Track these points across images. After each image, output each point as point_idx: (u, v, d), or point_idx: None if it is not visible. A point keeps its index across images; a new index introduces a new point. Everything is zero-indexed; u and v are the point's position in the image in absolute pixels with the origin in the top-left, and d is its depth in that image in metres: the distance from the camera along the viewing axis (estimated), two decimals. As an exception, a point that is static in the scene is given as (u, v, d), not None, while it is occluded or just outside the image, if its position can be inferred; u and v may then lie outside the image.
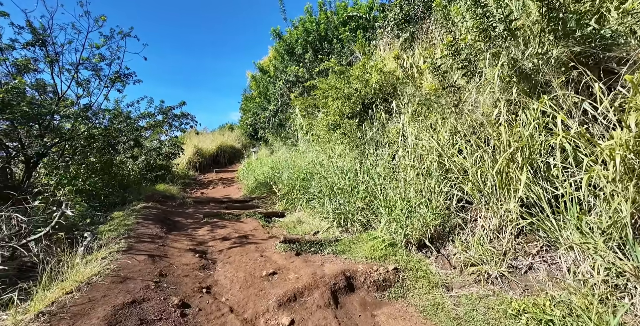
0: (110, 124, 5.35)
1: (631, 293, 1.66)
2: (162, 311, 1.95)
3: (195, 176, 11.24)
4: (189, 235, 3.95)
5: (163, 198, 5.97)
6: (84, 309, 1.89)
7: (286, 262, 3.27)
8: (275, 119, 9.52)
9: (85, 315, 1.83)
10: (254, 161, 10.48)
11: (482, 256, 2.64)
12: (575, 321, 1.65)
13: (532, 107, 2.48)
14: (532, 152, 2.43)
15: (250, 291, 2.60)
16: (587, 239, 1.87)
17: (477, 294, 2.38)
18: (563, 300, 1.84)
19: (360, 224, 4.09)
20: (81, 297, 2.03)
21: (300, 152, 6.94)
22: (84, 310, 1.87)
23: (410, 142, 3.84)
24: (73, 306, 1.91)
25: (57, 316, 1.78)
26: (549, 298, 1.92)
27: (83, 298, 2.02)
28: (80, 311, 1.86)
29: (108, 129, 5.04)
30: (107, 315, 1.80)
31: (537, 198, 2.34)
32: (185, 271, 2.74)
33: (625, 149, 1.69)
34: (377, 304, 2.64)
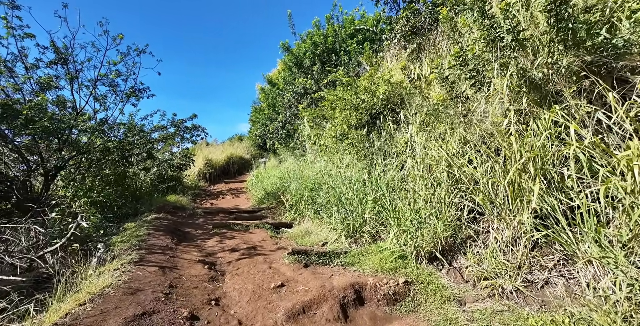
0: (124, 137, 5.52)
1: None
2: (171, 324, 1.95)
3: (205, 187, 11.38)
4: (198, 246, 3.97)
5: (174, 209, 6.05)
6: (97, 321, 1.91)
7: (294, 274, 3.25)
8: (283, 129, 9.64)
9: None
10: (262, 172, 10.57)
11: (495, 269, 2.57)
12: (597, 340, 1.58)
13: (544, 117, 2.45)
14: (545, 162, 2.38)
15: (258, 304, 2.58)
16: (607, 253, 1.80)
17: (492, 309, 2.30)
18: (583, 317, 1.76)
19: (369, 236, 4.04)
20: (94, 309, 2.05)
21: (308, 163, 6.98)
22: (96, 322, 1.90)
23: (418, 152, 3.82)
24: (86, 318, 1.93)
25: None
26: (568, 315, 1.84)
27: (95, 309, 2.04)
28: (93, 323, 1.89)
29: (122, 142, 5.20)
30: None
31: (551, 209, 2.28)
32: (195, 283, 2.75)
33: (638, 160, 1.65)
34: (388, 318, 2.58)
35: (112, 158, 5.02)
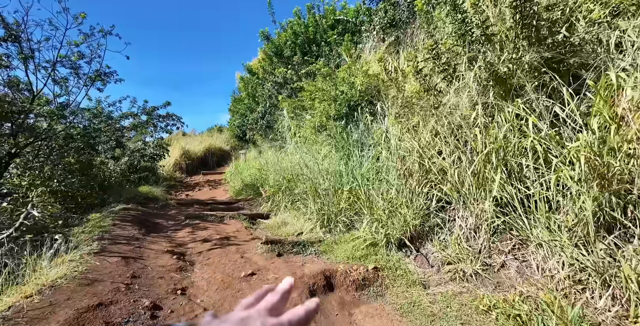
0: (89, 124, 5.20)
1: (592, 287, 1.72)
2: (130, 314, 1.89)
3: (181, 178, 11.06)
4: (168, 237, 3.87)
5: (145, 200, 5.83)
6: (44, 313, 1.80)
7: (266, 263, 3.24)
8: (263, 120, 9.48)
9: (44, 319, 1.74)
10: (242, 163, 10.39)
11: (458, 254, 2.69)
12: (541, 315, 1.70)
13: (507, 110, 2.55)
14: (507, 153, 2.49)
15: (227, 293, 2.56)
16: (555, 237, 1.93)
17: (452, 291, 2.42)
18: (531, 296, 1.89)
19: (343, 225, 4.10)
20: (41, 301, 1.93)
21: (287, 154, 6.93)
22: (43, 314, 1.79)
23: (393, 144, 3.88)
24: (31, 311, 1.81)
25: (12, 322, 1.68)
26: (518, 294, 1.96)
27: (44, 301, 1.92)
28: (39, 315, 1.78)
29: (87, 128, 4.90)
30: (68, 318, 1.72)
31: (510, 198, 2.40)
32: (161, 273, 2.68)
33: (589, 151, 1.75)
34: (356, 303, 2.64)
35: (75, 146, 4.72)
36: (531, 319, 1.75)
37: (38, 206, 2.82)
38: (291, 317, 0.36)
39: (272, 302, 0.39)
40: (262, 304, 0.38)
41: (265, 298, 0.40)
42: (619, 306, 1.60)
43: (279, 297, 0.40)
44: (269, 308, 0.38)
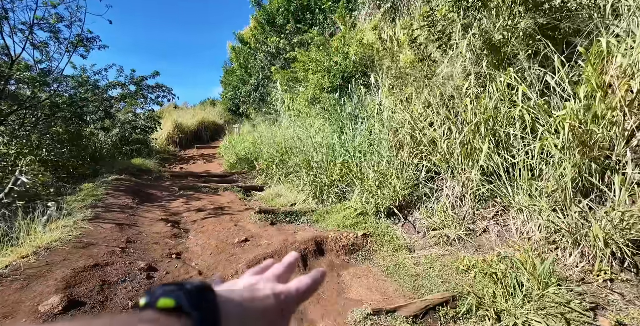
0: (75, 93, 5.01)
1: (563, 246, 1.83)
2: (126, 274, 1.97)
3: (175, 152, 10.98)
4: (162, 207, 3.93)
5: (138, 172, 5.83)
6: (41, 271, 1.86)
7: (260, 230, 3.34)
8: (256, 93, 9.26)
9: (42, 276, 1.81)
10: (236, 137, 10.30)
11: (444, 221, 2.80)
12: (515, 272, 1.82)
13: (499, 79, 2.53)
14: (496, 123, 2.51)
15: (221, 257, 2.66)
16: (535, 202, 2.01)
17: (436, 254, 2.56)
18: (507, 256, 2.01)
19: (335, 196, 4.19)
20: (38, 261, 1.99)
21: (281, 128, 6.88)
22: (41, 273, 1.85)
23: (385, 116, 3.87)
24: (28, 269, 1.88)
25: (10, 278, 1.75)
26: (495, 255, 2.09)
27: (40, 261, 1.98)
28: (36, 273, 1.84)
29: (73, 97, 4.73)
30: (65, 276, 1.79)
31: (496, 166, 2.46)
32: (155, 239, 2.76)
33: (574, 119, 1.78)
34: (345, 266, 2.77)
35: (62, 115, 4.59)
36: (505, 276, 1.88)
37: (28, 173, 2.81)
38: (299, 285, 0.36)
39: (279, 271, 0.39)
40: (270, 272, 0.39)
41: (272, 268, 0.41)
42: (585, 262, 1.73)
43: (284, 267, 0.40)
44: (276, 275, 0.38)
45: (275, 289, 0.34)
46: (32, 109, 4.35)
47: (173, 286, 0.27)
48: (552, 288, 1.64)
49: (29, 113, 4.39)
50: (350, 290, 2.40)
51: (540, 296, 1.66)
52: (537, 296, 1.66)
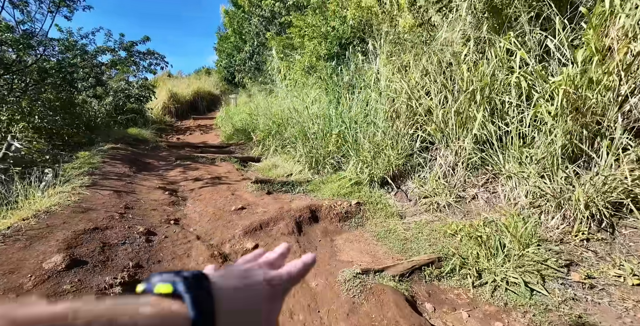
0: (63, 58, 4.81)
1: (547, 210, 1.91)
2: (126, 237, 2.04)
3: (171, 122, 10.85)
4: (159, 175, 3.98)
5: (135, 141, 5.81)
6: (42, 233, 1.92)
7: (256, 199, 3.42)
8: (251, 61, 8.94)
9: (43, 237, 1.87)
10: (232, 108, 10.13)
11: (435, 189, 2.87)
12: (499, 235, 1.91)
13: (499, 45, 2.43)
14: (492, 91, 2.46)
15: (218, 223, 2.75)
16: (523, 169, 2.05)
17: (425, 220, 2.65)
18: (493, 220, 2.10)
19: (330, 167, 4.23)
20: (38, 223, 2.04)
21: (277, 98, 6.74)
22: (42, 234, 1.91)
23: (383, 85, 3.78)
24: (30, 231, 1.93)
25: (12, 238, 1.81)
26: (482, 220, 2.17)
27: (40, 224, 2.04)
28: (38, 234, 1.90)
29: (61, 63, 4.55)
30: (67, 238, 1.85)
31: (489, 135, 2.46)
32: (154, 206, 2.83)
33: (570, 84, 1.74)
34: (338, 231, 2.88)
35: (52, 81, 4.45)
36: (490, 239, 1.97)
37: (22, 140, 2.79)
38: (290, 269, 0.38)
39: (271, 258, 0.41)
40: (262, 259, 0.40)
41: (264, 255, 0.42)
42: (566, 224, 1.81)
43: (277, 255, 0.42)
44: (269, 262, 0.40)
45: (267, 275, 0.35)
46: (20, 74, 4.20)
47: (169, 273, 0.28)
48: (531, 248, 1.74)
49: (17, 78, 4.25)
50: (342, 253, 2.51)
51: (520, 256, 1.76)
52: (517, 255, 1.75)
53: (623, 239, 1.71)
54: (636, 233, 1.71)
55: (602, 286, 1.62)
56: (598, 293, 1.61)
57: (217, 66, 12.96)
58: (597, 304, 1.57)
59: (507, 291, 1.72)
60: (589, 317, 1.54)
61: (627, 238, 1.70)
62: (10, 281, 1.45)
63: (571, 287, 1.68)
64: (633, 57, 1.50)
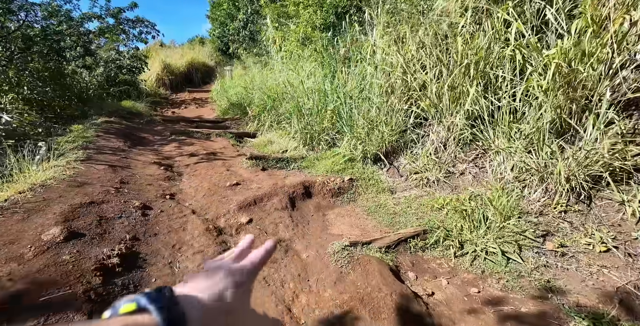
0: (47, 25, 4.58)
1: (531, 184, 1.97)
2: (122, 211, 2.10)
3: (166, 95, 10.62)
4: (155, 150, 3.99)
5: (129, 115, 5.73)
6: (39, 206, 1.96)
7: (251, 175, 3.46)
8: (245, 31, 8.54)
9: (41, 210, 1.91)
10: (227, 81, 9.87)
11: (426, 165, 2.91)
12: (483, 208, 1.99)
13: (496, 15, 2.32)
14: (487, 65, 2.40)
15: (213, 198, 2.81)
16: (512, 144, 2.07)
17: (415, 195, 2.72)
18: (479, 195, 2.16)
19: (325, 143, 4.23)
20: (35, 197, 2.07)
21: (273, 71, 6.56)
22: (39, 207, 1.94)
23: (378, 58, 3.67)
24: (27, 203, 1.97)
25: (10, 210, 1.86)
26: (468, 194, 2.23)
27: (37, 197, 2.07)
28: (35, 207, 1.94)
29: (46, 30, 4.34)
30: (63, 211, 1.90)
31: (481, 110, 2.44)
32: (149, 181, 2.87)
33: (563, 58, 1.70)
34: (330, 207, 2.96)
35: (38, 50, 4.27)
36: (474, 212, 2.04)
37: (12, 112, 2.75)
38: (253, 258, 0.41)
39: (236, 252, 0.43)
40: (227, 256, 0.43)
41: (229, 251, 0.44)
42: (547, 197, 1.88)
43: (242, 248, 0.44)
44: (234, 257, 0.42)
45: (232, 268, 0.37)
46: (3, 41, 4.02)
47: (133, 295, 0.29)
48: (512, 220, 1.81)
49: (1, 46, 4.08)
50: (333, 227, 2.61)
51: (501, 228, 1.84)
52: (498, 227, 1.83)
53: (598, 210, 1.79)
54: (610, 204, 1.79)
55: (573, 254, 1.73)
56: (568, 260, 1.72)
57: (211, 35, 12.41)
58: (566, 270, 1.69)
59: (485, 260, 1.83)
60: (557, 281, 1.66)
61: (601, 209, 1.78)
62: (11, 251, 1.52)
63: (544, 255, 1.79)
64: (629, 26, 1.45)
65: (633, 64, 1.57)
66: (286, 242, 2.24)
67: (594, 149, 1.63)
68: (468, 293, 1.69)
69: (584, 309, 1.49)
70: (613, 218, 1.74)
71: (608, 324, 1.38)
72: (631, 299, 1.49)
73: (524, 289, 1.66)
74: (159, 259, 1.73)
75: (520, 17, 2.18)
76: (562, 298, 1.57)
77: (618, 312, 1.44)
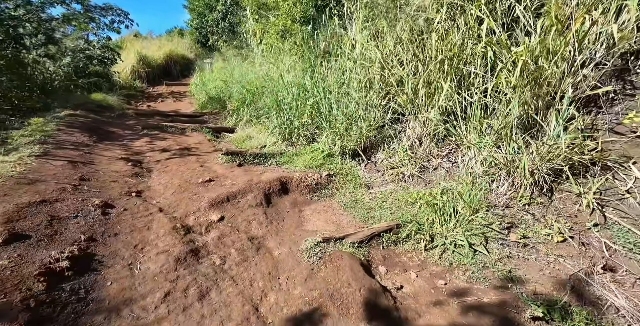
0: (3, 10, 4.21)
1: (499, 178, 2.01)
2: (79, 210, 1.96)
3: (142, 88, 10.18)
4: (124, 145, 3.80)
5: (98, 108, 5.43)
6: None
7: (226, 171, 3.36)
8: (225, 22, 8.26)
9: None
10: (207, 74, 9.57)
11: (402, 160, 2.92)
12: (453, 201, 2.01)
13: (469, 12, 2.33)
14: (460, 61, 2.42)
15: (183, 195, 2.70)
16: (482, 139, 2.10)
17: (390, 190, 2.73)
18: (450, 188, 2.19)
19: (304, 138, 4.17)
20: None
21: (253, 64, 6.40)
22: None
23: (357, 53, 3.64)
24: None
25: None
26: (441, 188, 2.26)
27: None
28: None
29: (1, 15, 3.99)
30: (7, 211, 1.75)
31: (455, 106, 2.47)
32: (114, 178, 2.72)
33: (528, 55, 1.72)
34: (307, 202, 2.92)
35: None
36: (445, 206, 2.07)
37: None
38: None
39: None
40: None
41: None
42: (513, 191, 1.93)
43: None
44: None
45: None
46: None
47: None
48: (480, 213, 1.85)
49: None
50: (309, 223, 2.57)
51: (470, 221, 1.87)
52: (467, 220, 1.86)
53: (558, 202, 1.86)
54: (568, 197, 1.87)
55: (533, 244, 1.80)
56: (529, 250, 1.79)
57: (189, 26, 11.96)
58: (526, 260, 1.76)
59: (454, 253, 1.86)
60: (517, 271, 1.72)
61: (560, 201, 1.86)
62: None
63: (508, 246, 1.85)
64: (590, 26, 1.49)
65: (592, 62, 1.62)
66: (259, 239, 2.19)
67: (555, 144, 1.69)
68: (435, 286, 1.72)
69: (540, 296, 1.55)
70: (570, 209, 1.82)
71: (560, 310, 1.45)
72: (582, 285, 1.57)
73: (487, 280, 1.71)
74: (118, 260, 1.63)
75: (492, 13, 2.19)
76: (521, 287, 1.63)
77: (569, 298, 1.52)
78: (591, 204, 1.71)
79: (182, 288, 1.55)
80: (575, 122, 1.70)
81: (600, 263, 1.60)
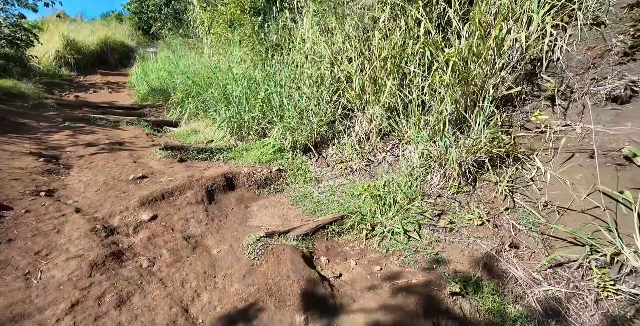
0: None
1: (433, 170, 2.16)
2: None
3: (71, 77, 8.98)
4: (36, 139, 3.28)
5: (5, 96, 4.62)
6: None
7: (163, 167, 3.09)
8: (168, 8, 7.64)
9: None
10: (151, 64, 8.77)
11: (350, 155, 2.97)
12: (394, 192, 2.10)
13: (410, 13, 2.45)
14: (402, 60, 2.53)
15: (109, 194, 2.41)
16: (419, 134, 2.22)
17: (338, 183, 2.77)
18: (391, 180, 2.28)
19: (255, 133, 4.03)
20: None
21: (200, 55, 6.02)
22: None
23: (308, 48, 3.62)
24: None
25: None
26: (383, 181, 2.34)
27: None
28: None
29: None
30: None
31: (397, 103, 2.57)
32: (17, 175, 2.33)
33: (458, 56, 1.86)
34: (254, 198, 2.81)
35: None
36: (386, 196, 2.15)
37: None
38: None
39: None
40: None
41: None
42: (444, 181, 2.09)
43: None
44: None
45: None
46: None
47: None
48: (416, 202, 1.95)
49: None
50: (254, 219, 2.48)
51: (407, 210, 1.97)
52: (404, 209, 1.95)
53: (480, 190, 2.07)
54: (488, 185, 2.07)
55: (458, 229, 1.98)
56: (454, 234, 1.97)
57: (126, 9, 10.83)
58: (451, 243, 1.93)
59: (391, 240, 1.96)
60: (443, 253, 1.88)
61: (481, 190, 2.07)
62: None
63: (437, 231, 2.01)
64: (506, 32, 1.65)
65: (508, 65, 1.82)
66: (196, 238, 2.04)
67: (479, 138, 1.85)
68: (372, 271, 1.78)
69: (459, 274, 1.72)
70: (489, 196, 2.03)
71: (473, 284, 1.63)
72: (492, 262, 1.77)
73: (417, 263, 1.84)
74: (9, 271, 1.38)
75: (429, 15, 2.32)
76: (445, 267, 1.78)
77: (482, 274, 1.71)
78: (504, 191, 1.92)
79: (96, 295, 1.37)
80: (494, 118, 1.90)
81: (507, 242, 1.81)
